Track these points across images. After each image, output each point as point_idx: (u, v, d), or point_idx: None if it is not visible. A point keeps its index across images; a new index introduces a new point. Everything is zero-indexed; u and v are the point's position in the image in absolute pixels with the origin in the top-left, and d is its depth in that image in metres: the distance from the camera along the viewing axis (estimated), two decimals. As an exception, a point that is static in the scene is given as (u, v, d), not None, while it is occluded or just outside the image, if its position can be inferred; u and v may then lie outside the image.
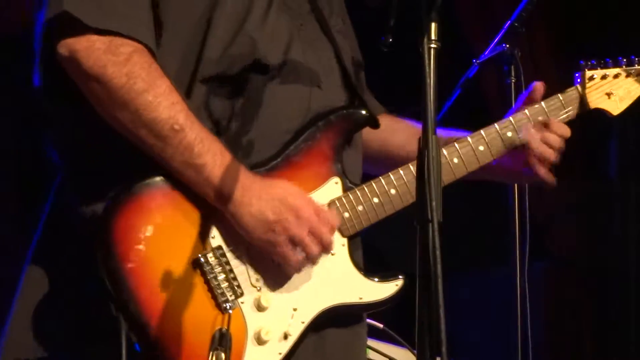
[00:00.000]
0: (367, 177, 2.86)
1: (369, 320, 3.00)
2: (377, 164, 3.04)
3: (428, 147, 2.09)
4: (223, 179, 2.52)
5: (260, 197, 2.54)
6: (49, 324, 2.59)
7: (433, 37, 2.16)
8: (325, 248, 2.62)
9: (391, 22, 2.78)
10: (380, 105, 3.17)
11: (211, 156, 2.52)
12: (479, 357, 5.05)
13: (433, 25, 2.17)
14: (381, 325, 3.93)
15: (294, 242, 2.56)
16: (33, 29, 2.57)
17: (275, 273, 2.61)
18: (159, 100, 2.50)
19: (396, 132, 3.09)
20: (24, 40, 2.65)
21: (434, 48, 2.15)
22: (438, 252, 2.05)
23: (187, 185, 2.55)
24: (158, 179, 2.55)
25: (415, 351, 2.14)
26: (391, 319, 3.77)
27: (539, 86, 3.08)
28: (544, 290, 6.38)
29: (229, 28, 2.65)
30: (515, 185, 4.12)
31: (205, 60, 2.62)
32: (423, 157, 2.09)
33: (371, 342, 4.17)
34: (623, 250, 6.43)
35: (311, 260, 2.61)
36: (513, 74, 4.29)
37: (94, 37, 2.50)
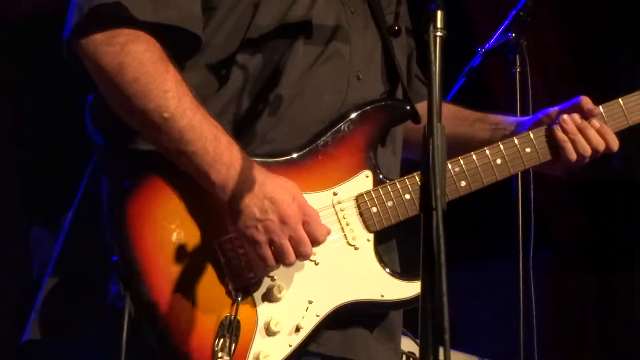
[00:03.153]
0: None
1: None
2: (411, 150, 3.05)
3: (433, 135, 2.08)
4: (212, 165, 2.49)
5: (252, 191, 2.49)
6: (72, 303, 2.60)
7: (439, 25, 2.15)
8: (302, 258, 2.55)
9: (397, 9, 2.78)
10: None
11: (202, 144, 2.49)
12: (482, 346, 5.04)
13: (439, 13, 2.16)
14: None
15: (273, 246, 2.50)
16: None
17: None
18: (149, 88, 2.48)
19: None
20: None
21: (439, 36, 2.14)
22: (442, 240, 2.05)
23: None
24: None
25: (417, 339, 2.13)
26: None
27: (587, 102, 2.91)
28: (547, 278, 6.39)
29: (274, 12, 2.65)
30: (519, 175, 4.12)
31: (246, 43, 2.62)
32: (428, 145, 2.08)
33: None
34: (627, 238, 6.43)
35: (286, 265, 2.54)
36: (518, 63, 4.28)
37: (93, 30, 2.50)
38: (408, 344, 4.26)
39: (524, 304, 4.17)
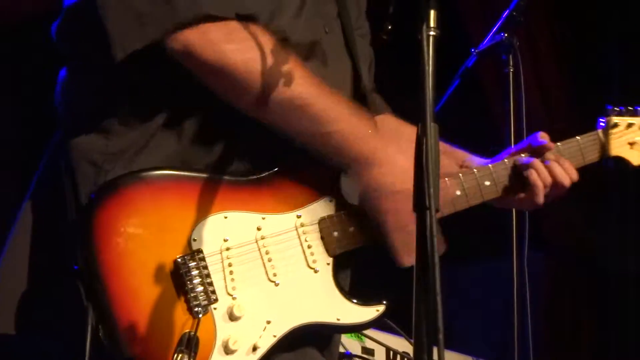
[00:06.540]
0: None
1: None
2: None
3: (426, 134, 2.08)
4: (351, 145, 2.56)
5: (392, 163, 2.56)
6: (25, 298, 2.58)
7: (432, 24, 2.15)
8: None
9: (390, 10, 2.77)
10: (385, 105, 3.13)
11: (339, 124, 2.55)
12: (477, 346, 5.05)
13: (432, 12, 2.15)
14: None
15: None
16: None
17: (254, 284, 2.58)
18: (278, 79, 2.50)
19: None
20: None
21: (432, 35, 2.14)
22: (435, 240, 2.05)
23: (177, 184, 2.53)
24: (150, 173, 2.54)
25: (411, 340, 2.13)
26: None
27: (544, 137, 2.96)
28: (542, 279, 6.40)
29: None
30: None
31: None
32: (421, 144, 2.08)
33: (368, 331, 4.17)
34: (621, 239, 6.44)
35: None
36: (511, 63, 4.29)
37: (208, 26, 2.49)
38: (402, 344, 4.26)
39: (519, 304, 4.17)
